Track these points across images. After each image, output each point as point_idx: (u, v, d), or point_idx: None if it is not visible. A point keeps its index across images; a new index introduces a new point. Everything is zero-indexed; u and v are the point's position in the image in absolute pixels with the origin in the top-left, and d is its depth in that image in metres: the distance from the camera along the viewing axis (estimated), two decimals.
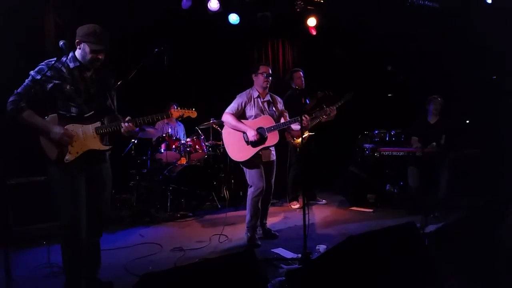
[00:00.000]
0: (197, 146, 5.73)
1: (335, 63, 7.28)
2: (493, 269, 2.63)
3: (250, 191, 4.13)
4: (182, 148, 5.61)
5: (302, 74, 5.58)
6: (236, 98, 4.20)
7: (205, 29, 6.48)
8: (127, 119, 2.78)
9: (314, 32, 7.13)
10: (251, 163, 4.06)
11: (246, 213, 4.16)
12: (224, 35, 6.66)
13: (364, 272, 2.22)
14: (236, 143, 4.08)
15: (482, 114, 6.03)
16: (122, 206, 5.56)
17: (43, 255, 3.52)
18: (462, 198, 4.97)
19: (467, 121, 6.34)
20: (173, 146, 5.56)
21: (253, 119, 4.11)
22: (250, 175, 4.09)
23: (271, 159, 4.22)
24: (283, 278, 2.73)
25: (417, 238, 2.56)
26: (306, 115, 3.88)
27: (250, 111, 4.13)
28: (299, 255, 3.45)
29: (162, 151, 5.51)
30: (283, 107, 4.37)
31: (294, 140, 5.45)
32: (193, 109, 3.23)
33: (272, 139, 4.06)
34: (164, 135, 5.61)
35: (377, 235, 2.49)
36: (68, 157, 2.66)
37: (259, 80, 4.16)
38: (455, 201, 4.93)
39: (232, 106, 4.14)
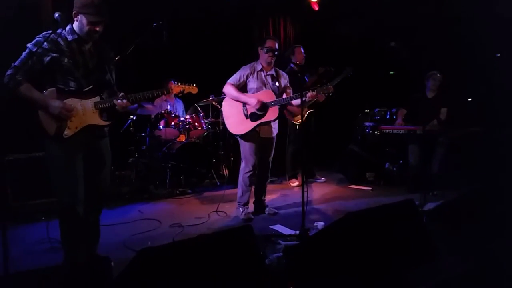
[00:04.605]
0: (196, 123, 5.69)
1: (337, 39, 7.15)
2: (492, 248, 2.63)
3: (242, 166, 4.18)
4: (181, 125, 5.57)
5: (302, 50, 5.47)
6: (240, 70, 4.14)
7: (205, 5, 6.35)
8: (120, 95, 2.72)
9: (316, 8, 6.99)
10: (247, 137, 4.06)
11: (238, 188, 4.21)
12: (224, 11, 6.52)
13: (362, 248, 2.22)
14: (235, 116, 4.07)
15: (484, 92, 5.97)
16: (121, 182, 5.57)
17: (42, 230, 3.52)
18: (461, 176, 4.96)
19: (469, 99, 6.28)
20: (172, 123, 5.52)
21: (254, 92, 4.05)
22: (244, 149, 4.11)
23: (272, 136, 4.17)
24: (281, 254, 2.74)
25: (415, 215, 2.55)
26: (310, 91, 3.85)
27: (252, 84, 4.07)
28: (297, 232, 3.46)
29: (161, 128, 5.48)
30: (288, 83, 4.28)
31: (293, 117, 5.38)
32: (194, 85, 3.18)
33: (271, 114, 4.02)
34: (163, 112, 5.56)
35: (376, 212, 2.49)
36: (67, 132, 2.62)
37: (264, 55, 4.07)
38: (455, 180, 4.92)
39: (234, 77, 4.09)
